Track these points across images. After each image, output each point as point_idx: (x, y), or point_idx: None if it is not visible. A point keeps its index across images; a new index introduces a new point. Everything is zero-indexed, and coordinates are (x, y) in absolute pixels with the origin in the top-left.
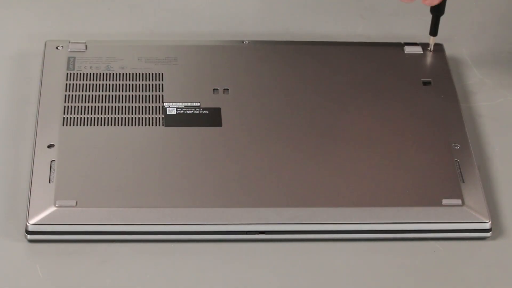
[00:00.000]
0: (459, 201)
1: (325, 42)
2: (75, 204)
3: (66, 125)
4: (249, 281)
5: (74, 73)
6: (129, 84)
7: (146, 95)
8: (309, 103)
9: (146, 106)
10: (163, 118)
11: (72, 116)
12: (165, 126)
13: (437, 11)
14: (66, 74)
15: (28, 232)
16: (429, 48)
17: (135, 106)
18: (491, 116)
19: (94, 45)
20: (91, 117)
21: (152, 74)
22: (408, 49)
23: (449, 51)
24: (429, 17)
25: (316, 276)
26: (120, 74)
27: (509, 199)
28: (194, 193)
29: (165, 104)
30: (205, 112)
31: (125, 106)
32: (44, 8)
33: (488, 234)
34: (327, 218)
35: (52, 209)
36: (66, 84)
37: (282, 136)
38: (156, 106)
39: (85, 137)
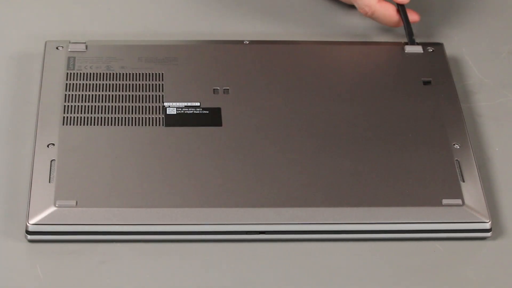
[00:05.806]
0: (459, 201)
1: (325, 42)
2: (75, 204)
3: (66, 124)
4: (249, 281)
5: (74, 73)
6: (129, 84)
7: (146, 95)
8: (309, 103)
9: (146, 106)
10: (163, 118)
11: (72, 115)
12: (165, 126)
13: None
14: (66, 74)
15: (28, 232)
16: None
17: (135, 106)
18: (491, 116)
19: (94, 45)
20: (91, 117)
21: (152, 74)
22: (408, 49)
23: (449, 51)
24: (429, 17)
25: (316, 276)
26: (120, 74)
27: (509, 199)
28: (194, 193)
29: (165, 104)
30: (205, 112)
31: (125, 106)
32: (44, 8)
33: (488, 234)
34: (327, 218)
35: (52, 209)
36: (66, 83)
37: (282, 136)
38: (156, 106)
39: (85, 136)
